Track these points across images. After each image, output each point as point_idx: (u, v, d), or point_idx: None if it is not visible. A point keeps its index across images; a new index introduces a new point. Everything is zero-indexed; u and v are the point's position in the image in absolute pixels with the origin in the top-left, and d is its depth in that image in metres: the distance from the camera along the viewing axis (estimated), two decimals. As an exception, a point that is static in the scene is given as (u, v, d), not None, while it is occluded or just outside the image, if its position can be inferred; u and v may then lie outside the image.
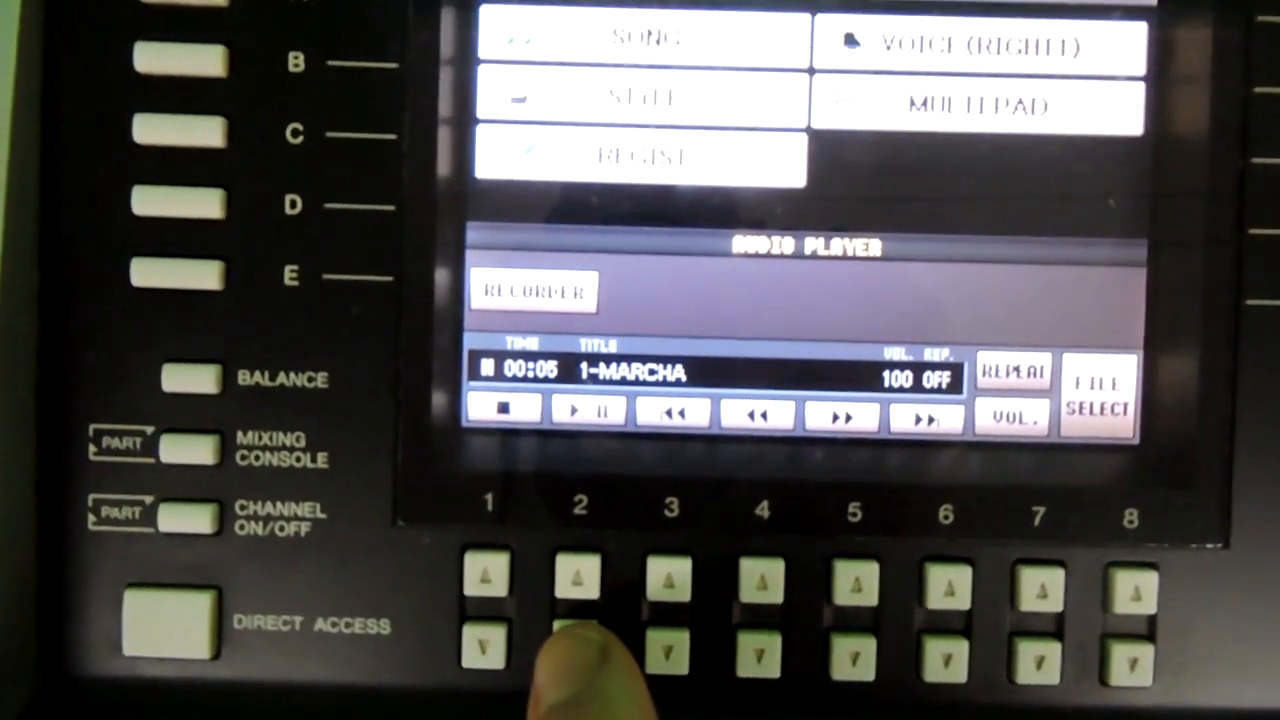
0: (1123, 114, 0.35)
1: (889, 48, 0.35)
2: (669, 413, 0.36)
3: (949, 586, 0.34)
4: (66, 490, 0.34)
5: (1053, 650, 0.34)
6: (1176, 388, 0.35)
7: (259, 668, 0.34)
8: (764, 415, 0.36)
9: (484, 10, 0.35)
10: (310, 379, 0.34)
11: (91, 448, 0.34)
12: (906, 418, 0.36)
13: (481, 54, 0.35)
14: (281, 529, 0.34)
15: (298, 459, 0.34)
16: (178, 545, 0.34)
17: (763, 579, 0.34)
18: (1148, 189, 0.35)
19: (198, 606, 0.34)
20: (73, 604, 0.34)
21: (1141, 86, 0.35)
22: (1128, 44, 0.35)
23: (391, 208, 0.34)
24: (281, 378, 0.34)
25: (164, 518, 0.34)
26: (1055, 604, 0.34)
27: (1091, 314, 0.35)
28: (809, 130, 0.35)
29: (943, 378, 0.36)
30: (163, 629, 0.34)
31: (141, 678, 0.34)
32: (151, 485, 0.34)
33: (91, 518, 0.34)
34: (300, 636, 0.34)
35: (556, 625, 0.34)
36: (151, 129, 0.34)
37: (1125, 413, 0.36)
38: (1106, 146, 0.35)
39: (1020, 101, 0.35)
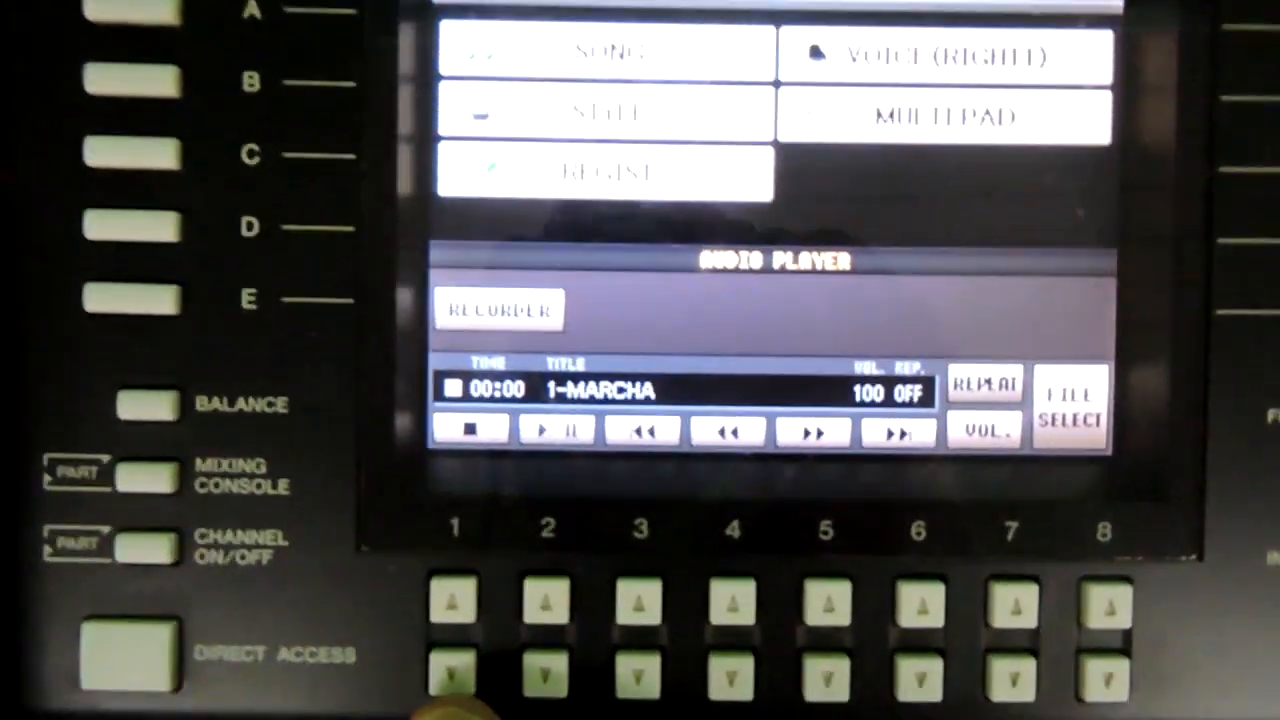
0: (1090, 123, 0.35)
1: (855, 60, 0.35)
2: (638, 431, 0.35)
3: (922, 604, 0.34)
4: (21, 522, 0.34)
5: (1027, 667, 0.34)
6: (1148, 399, 0.35)
7: (222, 699, 0.34)
8: (734, 432, 0.36)
9: (444, 26, 0.35)
10: (270, 404, 0.34)
11: (46, 478, 0.34)
12: (878, 432, 0.36)
13: (442, 70, 0.35)
14: (243, 557, 0.34)
15: (258, 486, 0.34)
16: (136, 576, 0.34)
17: (734, 600, 0.34)
18: (1116, 198, 0.35)
19: (158, 638, 0.34)
20: (29, 637, 0.34)
21: (1108, 95, 0.35)
22: (1094, 53, 0.35)
23: (351, 228, 0.34)
24: (241, 403, 0.34)
25: (122, 548, 0.34)
26: (1029, 620, 0.34)
27: (1062, 325, 0.35)
28: (775, 143, 0.35)
29: (914, 391, 0.36)
30: (122, 661, 0.33)
31: (101, 712, 0.34)
32: (108, 515, 0.34)
33: (47, 549, 0.34)
34: (263, 667, 0.34)
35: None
36: (103, 151, 0.33)
37: (1098, 424, 0.36)
38: (1074, 156, 0.35)
39: (987, 112, 0.35)
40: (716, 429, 0.35)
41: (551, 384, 0.35)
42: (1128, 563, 0.34)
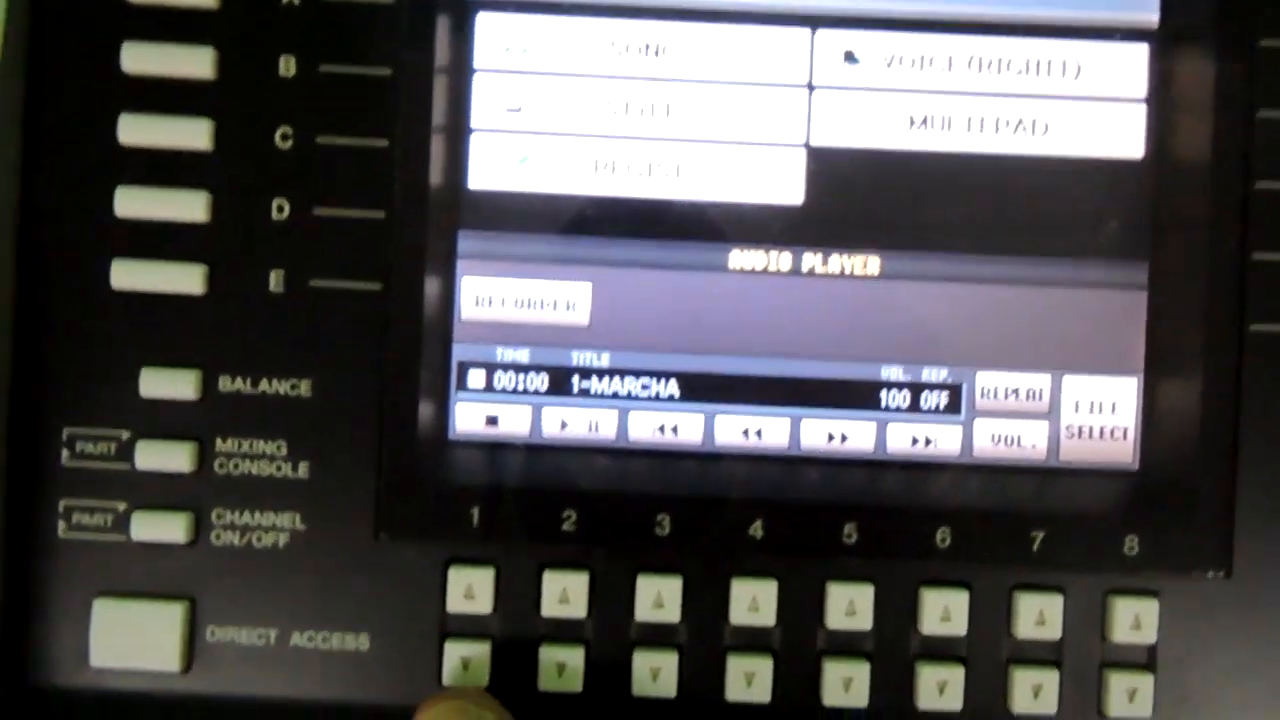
0: (1123, 136, 0.35)
1: (889, 65, 0.35)
2: (661, 429, 0.35)
3: (945, 611, 0.33)
4: (37, 496, 0.33)
5: (1050, 679, 0.34)
6: (1177, 413, 0.34)
7: (231, 682, 0.34)
8: (758, 433, 0.35)
9: (480, 18, 0.35)
10: (293, 386, 0.34)
11: (65, 452, 0.33)
12: (903, 438, 0.35)
13: (477, 63, 0.35)
14: (259, 540, 0.34)
15: (278, 468, 0.34)
16: (150, 554, 0.33)
17: (754, 600, 0.33)
18: (1148, 212, 0.35)
19: (169, 617, 0.33)
20: (39, 613, 0.33)
21: (1143, 108, 0.35)
22: (1129, 65, 0.35)
23: (381, 214, 0.34)
24: (264, 385, 0.34)
25: (137, 526, 0.33)
26: (1053, 631, 0.34)
27: (1091, 337, 0.35)
28: (808, 147, 0.35)
29: (940, 398, 0.35)
30: (132, 640, 0.33)
31: (108, 690, 0.34)
32: (125, 492, 0.33)
33: (62, 524, 0.33)
34: (275, 651, 0.34)
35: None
36: (137, 130, 0.33)
37: (1125, 437, 0.35)
38: (1107, 168, 0.35)
39: (1020, 122, 0.35)
40: (740, 429, 0.35)
41: (575, 379, 0.35)
42: (1155, 577, 0.34)
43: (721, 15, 0.35)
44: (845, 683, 0.33)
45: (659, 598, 0.33)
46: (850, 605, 0.33)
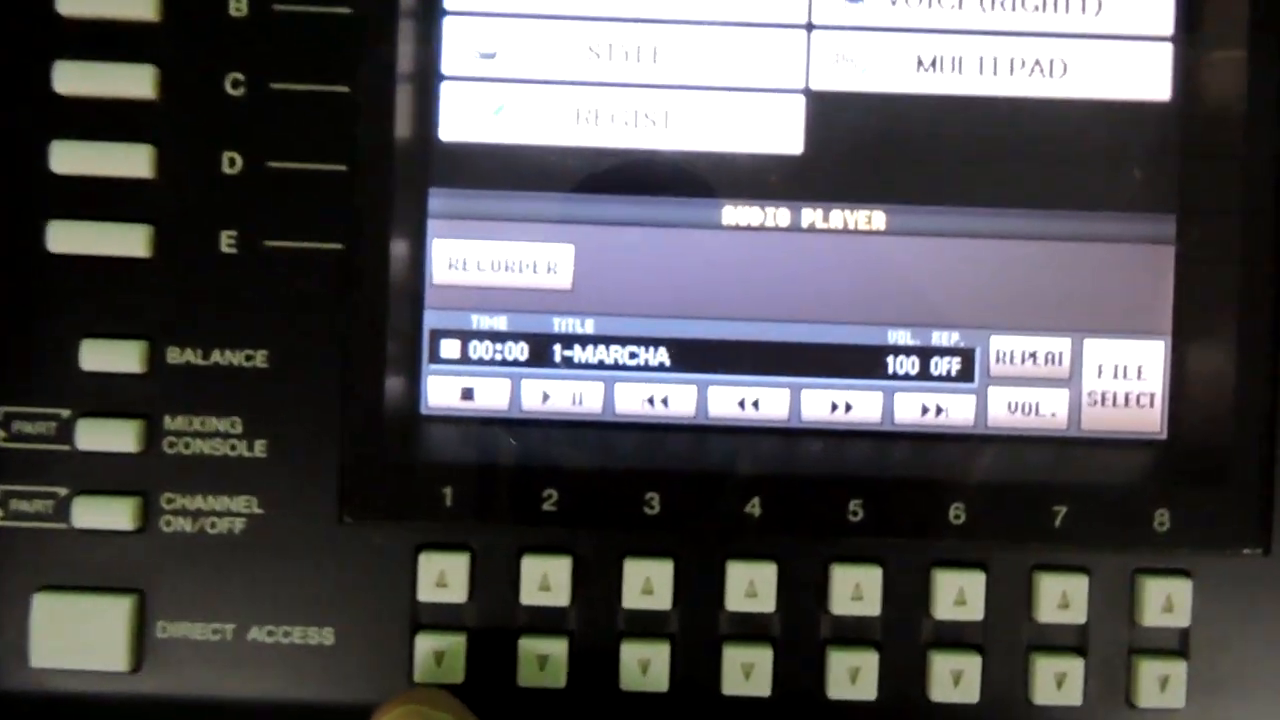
0: (1148, 76, 0.34)
1: (894, 3, 0.34)
2: (651, 400, 0.34)
3: (960, 594, 0.33)
4: None
5: (1075, 667, 0.33)
6: (1209, 377, 0.34)
7: (184, 681, 0.33)
8: (755, 404, 0.34)
9: (450, -45, 0.34)
10: (248, 358, 0.33)
11: (0, 433, 0.32)
12: (912, 408, 0.34)
13: (447, 4, 0.34)
14: (213, 525, 0.33)
15: (232, 447, 0.33)
16: (95, 543, 0.33)
17: (752, 585, 0.32)
18: (1176, 159, 0.34)
19: (116, 612, 0.32)
20: None
21: (1169, 47, 0.34)
22: (1153, 0, 0.34)
23: (343, 168, 0.33)
24: (216, 356, 0.33)
25: (80, 512, 0.32)
26: (1078, 615, 0.33)
27: (1115, 296, 0.34)
28: (807, 91, 0.34)
29: (952, 364, 0.34)
30: (76, 637, 0.32)
31: (51, 692, 0.33)
32: (67, 476, 0.32)
33: None
34: (232, 647, 0.33)
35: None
36: (74, 78, 0.32)
37: (1151, 404, 0.34)
38: (1131, 112, 0.34)
39: (1037, 63, 0.34)
40: (736, 400, 0.34)
41: (557, 347, 0.34)
42: (1187, 555, 0.33)
43: (712, -50, 0.34)
44: (852, 673, 0.33)
45: (648, 583, 0.32)
46: (856, 589, 0.33)
